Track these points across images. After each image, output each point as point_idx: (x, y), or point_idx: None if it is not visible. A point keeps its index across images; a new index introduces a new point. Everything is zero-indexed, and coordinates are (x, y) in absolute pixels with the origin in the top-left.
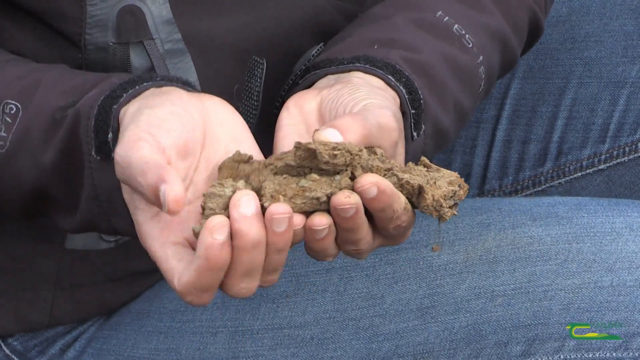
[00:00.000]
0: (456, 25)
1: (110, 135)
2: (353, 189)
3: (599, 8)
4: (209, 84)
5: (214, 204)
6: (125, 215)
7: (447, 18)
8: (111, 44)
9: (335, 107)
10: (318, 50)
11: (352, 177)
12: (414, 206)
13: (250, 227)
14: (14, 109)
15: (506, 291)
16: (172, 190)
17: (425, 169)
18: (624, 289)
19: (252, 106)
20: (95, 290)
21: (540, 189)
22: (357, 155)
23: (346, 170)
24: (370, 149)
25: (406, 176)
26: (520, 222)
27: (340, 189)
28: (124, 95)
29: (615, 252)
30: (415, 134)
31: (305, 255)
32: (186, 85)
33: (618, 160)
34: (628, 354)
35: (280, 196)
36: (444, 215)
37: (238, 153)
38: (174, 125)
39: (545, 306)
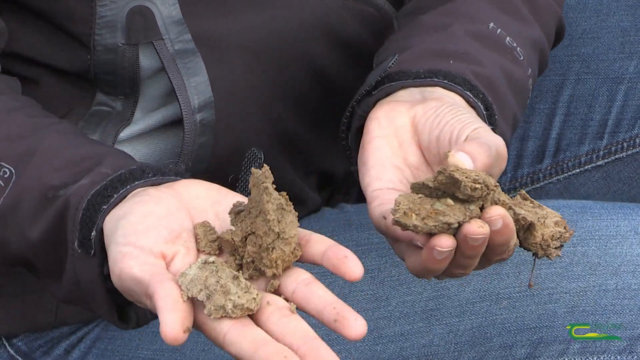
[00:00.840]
0: (508, 38)
1: (93, 233)
2: (480, 218)
3: (596, 4)
4: (220, 83)
5: (191, 285)
6: (104, 305)
7: (499, 30)
8: (120, 44)
9: (438, 126)
10: (393, 62)
11: (481, 208)
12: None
13: None
14: (7, 172)
15: (511, 294)
16: (166, 329)
17: (531, 204)
18: (628, 292)
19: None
20: None
21: (538, 185)
22: (492, 190)
23: (478, 201)
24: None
25: (522, 212)
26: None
27: (472, 218)
28: (115, 195)
29: (620, 255)
30: None
31: None
32: (179, 176)
33: (616, 156)
34: (632, 357)
35: (413, 214)
36: (549, 256)
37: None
38: (149, 223)
39: (550, 309)
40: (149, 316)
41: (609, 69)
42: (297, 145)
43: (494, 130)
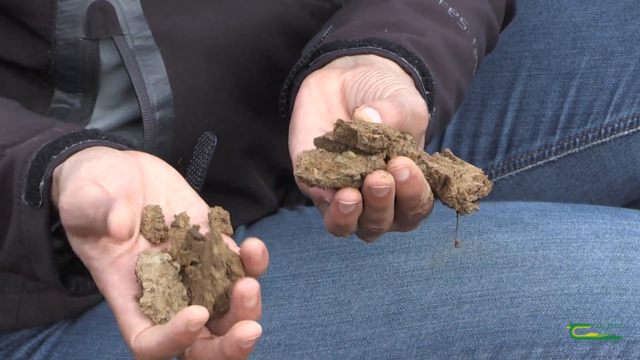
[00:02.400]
0: (450, 8)
1: (42, 183)
2: (386, 170)
3: (547, 0)
4: (179, 81)
5: (149, 274)
6: (47, 264)
7: (441, 1)
8: (81, 39)
9: (364, 88)
10: (328, 32)
11: (386, 160)
12: (436, 196)
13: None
14: None
15: (473, 298)
16: (116, 216)
17: (451, 160)
18: (590, 296)
19: (195, 182)
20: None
21: (491, 182)
22: (395, 141)
23: (382, 152)
24: (402, 133)
25: (435, 165)
26: (486, 228)
27: (375, 169)
28: (66, 148)
29: (581, 259)
30: (429, 115)
31: (271, 261)
32: (130, 146)
33: (569, 152)
34: None
35: (315, 169)
36: (466, 209)
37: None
38: (115, 176)
39: (512, 313)
40: (89, 288)
41: (561, 65)
42: (257, 143)
43: (430, 95)
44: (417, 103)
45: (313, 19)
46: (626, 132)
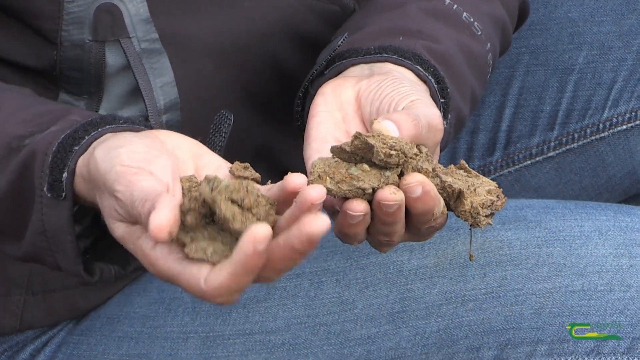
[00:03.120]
0: (465, 13)
1: (65, 175)
2: (399, 185)
3: None
4: (186, 84)
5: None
6: (70, 255)
7: (455, 6)
8: (87, 41)
9: (379, 98)
10: (343, 40)
11: (400, 174)
12: (449, 208)
13: (257, 261)
14: None
15: (477, 296)
16: (157, 217)
17: (466, 173)
18: (594, 293)
19: None
20: (66, 294)
21: (489, 178)
22: (411, 158)
23: (397, 168)
24: (418, 146)
25: (449, 179)
26: (489, 226)
27: (387, 185)
28: (86, 137)
29: (585, 256)
30: (444, 122)
31: None
32: (147, 127)
33: (567, 147)
34: (600, 358)
35: (328, 178)
36: (479, 224)
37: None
38: (155, 155)
39: (516, 311)
40: (113, 273)
41: (558, 60)
42: (263, 146)
43: (446, 103)
44: (432, 115)
45: (321, 22)
46: (624, 127)
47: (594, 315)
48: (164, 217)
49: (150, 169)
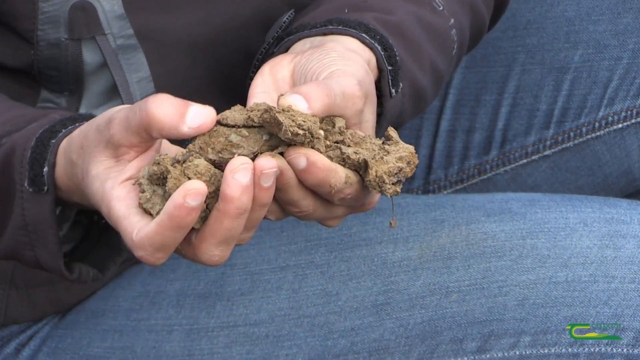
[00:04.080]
0: None
1: (45, 168)
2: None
3: None
4: (162, 79)
5: (148, 179)
6: (52, 249)
7: None
8: (63, 39)
9: (305, 73)
10: (289, 16)
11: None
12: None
13: (241, 194)
14: None
15: (461, 287)
16: (200, 109)
17: (383, 141)
18: (578, 284)
19: None
20: (50, 289)
21: (486, 176)
22: (317, 138)
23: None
24: (331, 119)
25: (349, 150)
26: (474, 219)
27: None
28: (63, 130)
29: (569, 247)
30: (393, 90)
31: (259, 254)
32: None
33: (563, 146)
34: (584, 349)
35: (209, 148)
36: (385, 192)
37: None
38: None
39: (500, 302)
40: (91, 275)
41: (554, 59)
42: None
43: (394, 71)
44: (347, 83)
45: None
46: (620, 125)
47: (577, 306)
48: (204, 108)
49: None
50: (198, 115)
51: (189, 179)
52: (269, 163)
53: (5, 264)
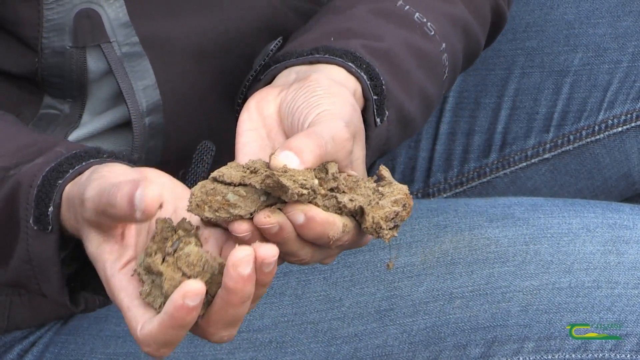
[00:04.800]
0: (417, 14)
1: (51, 208)
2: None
3: None
4: (168, 86)
5: (147, 268)
6: (56, 286)
7: (407, 7)
8: (68, 47)
9: (292, 112)
10: (277, 44)
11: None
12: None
13: (244, 286)
14: None
15: (464, 293)
16: (149, 190)
17: (376, 182)
18: (582, 290)
19: None
20: None
21: (485, 180)
22: (319, 195)
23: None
24: (324, 165)
25: (345, 199)
26: (477, 224)
27: (262, 209)
28: (70, 171)
29: (572, 253)
30: (378, 119)
31: None
32: (131, 162)
33: (563, 149)
34: (587, 355)
35: (206, 206)
36: (383, 238)
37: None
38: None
39: (503, 308)
40: (97, 303)
41: (554, 62)
42: None
43: (379, 100)
44: (336, 127)
45: (302, 22)
46: (620, 129)
47: (581, 312)
48: (155, 190)
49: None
50: (142, 201)
51: (183, 272)
52: (271, 251)
53: None
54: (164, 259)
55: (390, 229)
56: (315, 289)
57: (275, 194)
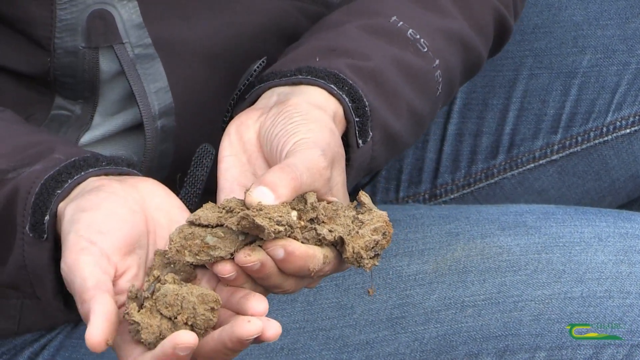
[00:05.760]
0: (410, 30)
1: (47, 218)
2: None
3: None
4: (180, 89)
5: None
6: (50, 292)
7: (401, 23)
8: (81, 48)
9: (270, 140)
10: (261, 64)
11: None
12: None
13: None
14: None
15: (476, 302)
16: (89, 334)
17: (356, 208)
18: (593, 299)
19: (193, 194)
20: None
21: (493, 181)
22: (297, 228)
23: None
24: (302, 196)
25: (324, 231)
26: (489, 232)
27: (242, 248)
28: (69, 181)
29: (584, 262)
30: (360, 141)
31: None
32: (130, 166)
33: (570, 150)
34: None
35: (186, 251)
36: (364, 267)
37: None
38: (114, 225)
39: (515, 317)
40: None
41: (562, 64)
42: None
43: (362, 122)
44: (311, 157)
45: (311, 24)
46: (628, 131)
47: (592, 321)
48: (96, 334)
49: (102, 245)
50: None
51: (162, 315)
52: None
53: None
54: (142, 305)
55: (370, 257)
56: (327, 296)
57: (252, 233)
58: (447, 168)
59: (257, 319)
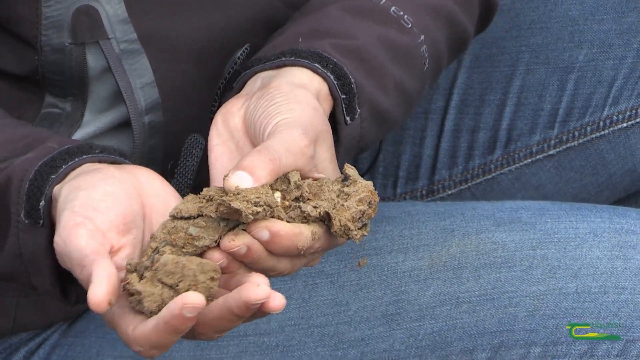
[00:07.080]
0: (393, 7)
1: (42, 203)
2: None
3: None
4: (166, 84)
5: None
6: (48, 279)
7: (383, 1)
8: (67, 44)
9: (254, 122)
10: (244, 51)
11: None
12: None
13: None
14: None
15: (471, 298)
16: (92, 294)
17: (342, 182)
18: (588, 295)
19: (184, 183)
20: None
21: (490, 176)
22: (276, 207)
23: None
24: (285, 175)
25: (309, 208)
26: (484, 228)
27: (225, 234)
28: (63, 166)
29: (579, 258)
30: (348, 118)
31: None
32: (122, 156)
33: (567, 145)
34: None
35: (169, 246)
36: (353, 239)
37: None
38: (110, 204)
39: (510, 313)
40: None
41: (559, 59)
42: None
43: (349, 99)
44: (291, 137)
45: None
46: (625, 125)
47: (587, 317)
48: (99, 293)
49: (97, 221)
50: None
51: (163, 283)
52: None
53: None
54: (142, 275)
55: (358, 228)
56: (322, 292)
57: (232, 219)
58: (445, 164)
59: (265, 285)
